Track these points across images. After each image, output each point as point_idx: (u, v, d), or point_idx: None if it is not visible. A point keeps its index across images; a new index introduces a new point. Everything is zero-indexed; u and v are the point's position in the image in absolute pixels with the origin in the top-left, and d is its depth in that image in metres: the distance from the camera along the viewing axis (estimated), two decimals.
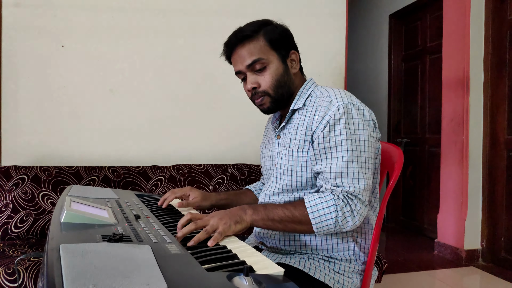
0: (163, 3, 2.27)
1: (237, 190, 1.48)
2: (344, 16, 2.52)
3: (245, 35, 1.10)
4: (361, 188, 1.01)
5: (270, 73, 1.11)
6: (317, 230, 0.99)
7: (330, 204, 0.98)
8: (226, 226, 0.91)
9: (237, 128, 2.39)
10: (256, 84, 1.12)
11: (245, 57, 1.11)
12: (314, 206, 0.99)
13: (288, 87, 1.14)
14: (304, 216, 0.99)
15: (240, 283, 0.59)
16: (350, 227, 1.00)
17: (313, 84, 1.19)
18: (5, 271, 1.41)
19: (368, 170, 1.04)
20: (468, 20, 2.85)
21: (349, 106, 1.05)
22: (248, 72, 1.12)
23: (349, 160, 1.01)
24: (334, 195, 0.99)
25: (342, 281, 1.07)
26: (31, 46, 2.10)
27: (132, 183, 2.02)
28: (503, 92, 2.77)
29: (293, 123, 1.15)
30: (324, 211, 0.98)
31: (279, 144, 1.19)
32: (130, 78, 2.24)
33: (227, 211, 0.98)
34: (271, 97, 1.13)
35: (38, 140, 2.12)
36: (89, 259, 0.60)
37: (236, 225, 0.95)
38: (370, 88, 4.36)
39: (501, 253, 2.78)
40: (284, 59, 1.13)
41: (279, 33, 1.12)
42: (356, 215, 1.00)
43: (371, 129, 1.08)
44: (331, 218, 0.98)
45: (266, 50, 1.10)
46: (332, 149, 1.03)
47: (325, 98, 1.09)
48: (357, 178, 1.01)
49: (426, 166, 3.58)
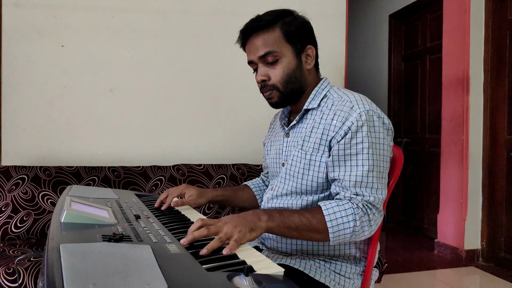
0: (163, 4, 2.27)
1: (235, 186, 1.45)
2: (344, 16, 2.52)
3: (261, 25, 1.07)
4: (380, 198, 0.99)
5: (281, 67, 1.07)
6: (333, 239, 0.96)
7: (349, 213, 0.95)
8: (242, 234, 0.85)
9: (237, 128, 2.39)
10: (266, 76, 1.09)
11: (259, 48, 1.07)
12: (332, 215, 0.95)
13: (299, 83, 1.11)
14: (322, 224, 0.95)
15: (240, 283, 0.59)
16: (365, 237, 0.99)
17: (328, 85, 1.15)
18: (5, 271, 1.41)
19: (385, 180, 1.03)
20: (468, 20, 2.85)
21: (370, 114, 1.01)
22: (260, 63, 1.09)
23: (369, 170, 0.99)
24: (353, 203, 0.97)
25: (343, 282, 1.07)
26: (31, 46, 2.10)
27: (132, 183, 2.02)
28: (503, 92, 2.77)
29: (305, 123, 1.12)
30: (343, 220, 0.95)
31: (288, 143, 1.16)
32: (130, 78, 2.24)
33: (240, 217, 0.91)
34: (279, 91, 1.10)
35: (38, 140, 2.12)
36: (89, 259, 0.60)
37: (251, 233, 0.88)
38: (370, 88, 4.36)
39: (501, 253, 2.78)
40: (298, 54, 1.09)
41: (297, 26, 1.08)
42: (373, 225, 0.98)
43: (389, 138, 1.06)
44: (349, 227, 0.95)
45: (280, 43, 1.07)
46: (352, 157, 1.00)
47: (345, 103, 1.05)
48: (376, 188, 0.99)
49: (426, 166, 3.58)
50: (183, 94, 2.31)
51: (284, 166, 1.15)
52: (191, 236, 0.80)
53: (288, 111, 1.24)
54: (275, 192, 1.16)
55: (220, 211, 2.08)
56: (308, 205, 1.09)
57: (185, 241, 0.79)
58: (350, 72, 3.88)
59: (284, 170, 1.14)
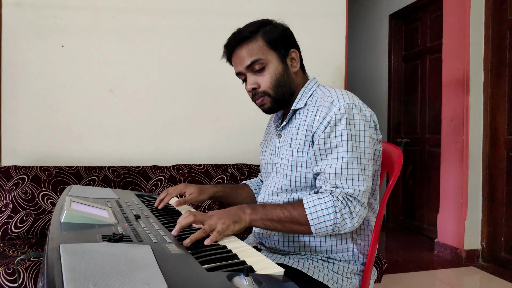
0: (163, 4, 2.27)
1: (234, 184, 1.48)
2: (344, 16, 2.52)
3: (244, 36, 1.10)
4: (361, 190, 1.00)
5: (269, 73, 1.10)
6: (315, 231, 0.99)
7: (329, 206, 0.98)
8: (225, 226, 0.91)
9: (237, 128, 2.39)
10: (256, 84, 1.12)
11: (244, 58, 1.10)
12: (312, 207, 0.98)
13: (288, 87, 1.13)
14: (302, 216, 0.99)
15: (240, 283, 0.59)
16: (348, 229, 1.00)
17: (316, 84, 1.17)
18: (5, 271, 1.41)
19: (368, 171, 1.04)
20: (468, 20, 2.85)
21: (351, 107, 1.04)
22: (248, 73, 1.12)
23: (349, 161, 1.01)
24: (333, 196, 0.99)
25: (341, 281, 1.07)
26: (31, 46, 2.10)
27: (132, 183, 2.02)
28: (503, 92, 2.77)
29: (294, 122, 1.14)
30: (323, 212, 0.97)
31: (280, 143, 1.18)
32: (130, 78, 2.24)
33: (225, 211, 0.97)
34: (271, 97, 1.12)
35: (38, 140, 2.12)
36: (89, 259, 0.60)
37: (235, 224, 0.95)
38: (370, 88, 4.36)
39: (501, 253, 2.78)
40: (283, 58, 1.12)
41: (278, 33, 1.11)
42: (355, 217, 0.99)
43: (372, 131, 1.08)
44: (330, 220, 0.97)
45: (264, 50, 1.10)
46: (333, 150, 1.03)
47: (327, 98, 1.08)
48: (357, 179, 1.01)
49: (426, 166, 3.58)
50: (183, 94, 2.31)
51: (276, 165, 1.17)
52: (178, 225, 0.87)
53: (281, 113, 1.26)
54: (267, 191, 1.18)
55: None
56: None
57: (174, 231, 0.87)
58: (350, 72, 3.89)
59: (275, 169, 1.16)
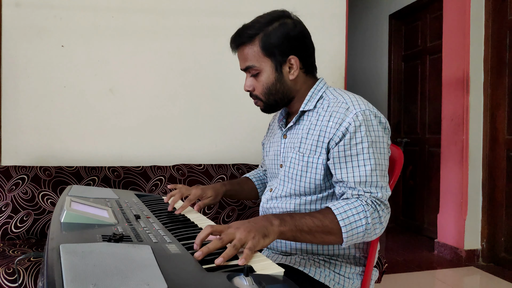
0: (163, 4, 2.27)
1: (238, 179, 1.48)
2: (344, 16, 2.52)
3: (242, 41, 1.09)
4: (387, 195, 1.00)
5: (261, 80, 1.10)
6: (347, 239, 0.93)
7: (360, 210, 0.93)
8: (256, 241, 0.81)
9: (237, 128, 2.39)
10: (251, 87, 1.13)
11: (241, 61, 1.12)
12: (343, 213, 0.93)
13: (281, 94, 1.12)
14: (334, 223, 0.92)
15: (240, 283, 0.59)
16: (376, 235, 0.98)
17: (324, 85, 1.15)
18: (5, 271, 1.41)
19: (387, 178, 1.03)
20: (468, 20, 2.85)
21: (367, 113, 1.02)
22: (246, 73, 1.13)
23: (372, 169, 0.99)
24: (362, 200, 0.96)
25: (343, 282, 1.07)
26: (31, 46, 2.10)
27: (132, 183, 2.02)
28: (503, 92, 2.77)
29: (302, 124, 1.13)
30: (355, 218, 0.93)
31: (285, 144, 1.17)
32: (130, 78, 2.24)
33: (251, 222, 0.86)
34: (263, 102, 1.14)
35: (38, 140, 2.12)
36: (89, 259, 0.60)
37: (264, 239, 0.84)
38: (370, 88, 4.36)
39: (501, 253, 2.78)
40: (279, 66, 1.09)
41: (277, 37, 1.06)
42: (383, 222, 0.97)
43: (387, 137, 1.06)
44: (361, 225, 0.93)
45: (259, 57, 1.08)
46: (353, 158, 1.00)
47: (341, 104, 1.05)
48: (381, 186, 0.99)
49: (426, 166, 3.58)
50: (183, 94, 2.31)
51: (282, 167, 1.15)
52: (206, 249, 0.74)
53: (286, 112, 1.24)
54: (274, 194, 1.17)
55: (220, 211, 2.08)
56: (306, 204, 1.10)
57: (200, 254, 0.73)
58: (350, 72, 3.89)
59: (283, 173, 1.14)
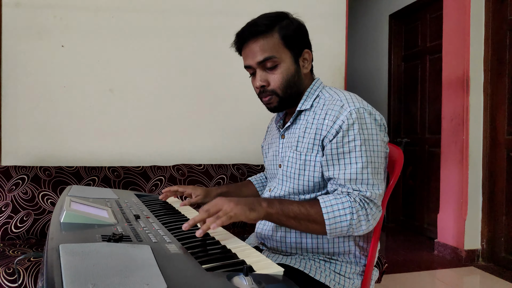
0: (163, 3, 2.27)
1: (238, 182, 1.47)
2: (344, 16, 2.52)
3: (259, 30, 1.05)
4: (377, 193, 1.00)
5: (281, 72, 1.07)
6: (330, 231, 0.97)
7: (346, 206, 0.96)
8: (241, 210, 0.86)
9: (237, 128, 2.39)
10: (265, 82, 1.09)
11: (257, 53, 1.06)
12: (329, 207, 0.96)
13: (297, 88, 1.11)
14: (319, 215, 0.96)
15: (240, 283, 0.59)
16: (362, 231, 0.99)
17: (321, 85, 1.16)
18: (5, 271, 1.41)
19: (381, 175, 1.03)
20: (468, 20, 2.85)
21: (361, 111, 1.02)
22: (258, 68, 1.08)
23: (363, 166, 0.99)
24: (350, 197, 0.97)
25: (343, 282, 1.07)
26: (31, 46, 2.10)
27: (132, 183, 2.02)
28: (503, 92, 2.77)
29: (299, 123, 1.13)
30: (340, 213, 0.95)
31: (283, 144, 1.17)
32: (130, 78, 2.24)
33: (241, 198, 0.92)
34: (279, 97, 1.10)
35: (38, 140, 2.12)
36: (89, 259, 0.60)
37: (251, 212, 0.89)
38: (370, 88, 4.36)
39: (501, 253, 2.78)
40: (296, 58, 1.09)
41: (294, 30, 1.07)
42: (371, 220, 0.98)
43: (382, 134, 1.06)
44: (346, 220, 0.95)
45: (280, 48, 1.06)
46: (346, 155, 1.01)
47: (336, 102, 1.06)
48: (372, 184, 1.00)
49: (426, 166, 3.58)
50: (183, 94, 2.31)
51: (281, 167, 1.15)
52: (192, 221, 0.83)
53: (284, 113, 1.24)
54: (273, 193, 1.17)
55: None
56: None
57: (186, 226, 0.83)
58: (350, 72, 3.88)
59: (281, 172, 1.14)
